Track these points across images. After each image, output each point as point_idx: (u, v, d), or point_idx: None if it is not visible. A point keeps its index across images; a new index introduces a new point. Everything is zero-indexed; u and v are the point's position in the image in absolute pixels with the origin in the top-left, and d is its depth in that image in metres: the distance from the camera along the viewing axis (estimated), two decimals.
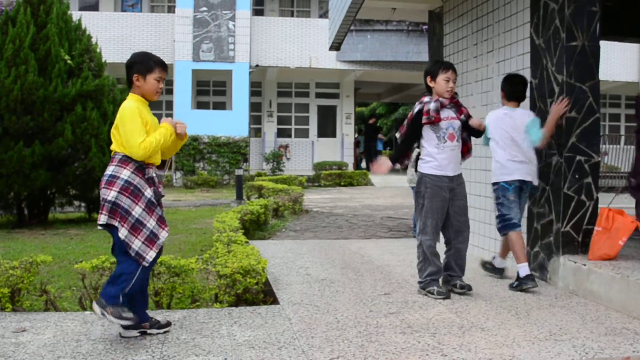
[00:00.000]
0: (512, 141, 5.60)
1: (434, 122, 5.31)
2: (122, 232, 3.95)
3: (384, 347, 3.94)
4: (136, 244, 3.97)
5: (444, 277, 5.46)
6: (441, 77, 5.38)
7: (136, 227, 3.98)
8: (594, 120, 5.62)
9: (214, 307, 5.01)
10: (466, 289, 5.32)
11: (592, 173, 5.62)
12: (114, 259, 4.46)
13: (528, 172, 5.62)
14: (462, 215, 5.44)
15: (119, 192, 3.98)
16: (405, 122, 5.56)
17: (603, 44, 5.74)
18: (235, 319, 4.58)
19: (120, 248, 4.01)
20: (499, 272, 6.10)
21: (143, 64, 4.20)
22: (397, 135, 5.69)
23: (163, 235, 4.13)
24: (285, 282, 5.82)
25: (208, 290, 5.22)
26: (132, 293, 4.02)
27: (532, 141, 5.55)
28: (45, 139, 10.30)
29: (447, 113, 5.39)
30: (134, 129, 4.01)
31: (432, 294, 5.24)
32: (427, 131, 5.40)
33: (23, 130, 10.23)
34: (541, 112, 5.90)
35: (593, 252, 5.38)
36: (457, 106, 5.46)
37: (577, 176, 5.59)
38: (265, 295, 5.29)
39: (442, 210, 5.37)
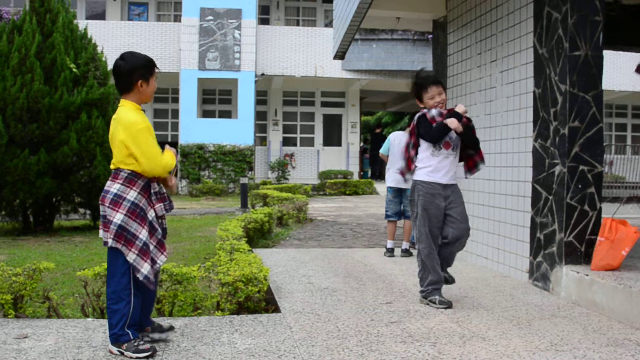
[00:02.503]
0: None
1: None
2: (130, 257, 3.90)
3: (384, 356, 3.94)
4: (145, 268, 3.94)
5: None
6: (426, 97, 5.45)
7: (144, 250, 3.95)
8: (597, 130, 5.61)
9: (216, 315, 5.02)
10: (450, 281, 5.49)
11: (595, 183, 5.62)
12: None
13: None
14: (463, 222, 5.41)
15: (125, 214, 3.92)
16: (411, 128, 5.54)
17: (610, 53, 5.76)
18: (237, 327, 4.58)
19: (117, 270, 3.96)
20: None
21: (146, 68, 4.07)
22: (408, 143, 5.58)
23: (161, 260, 4.09)
24: (288, 290, 5.82)
25: (210, 298, 5.23)
26: (135, 322, 3.99)
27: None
28: (51, 147, 10.34)
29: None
30: (152, 145, 3.96)
31: (434, 303, 5.24)
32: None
33: (29, 138, 10.28)
34: (544, 122, 5.91)
35: (596, 263, 5.36)
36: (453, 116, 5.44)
37: (580, 186, 5.58)
38: (267, 303, 5.30)
39: (436, 217, 5.36)
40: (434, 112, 5.38)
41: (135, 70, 4.03)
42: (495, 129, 6.96)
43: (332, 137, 26.41)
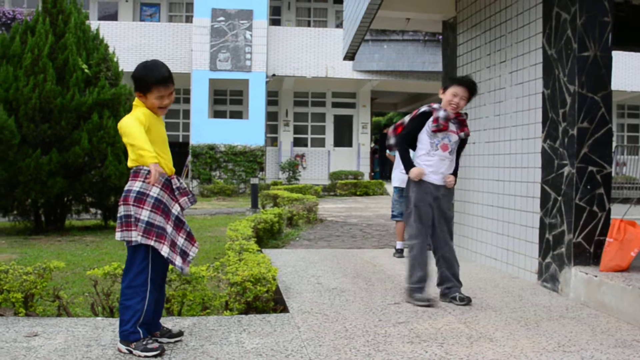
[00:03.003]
0: None
1: (442, 130, 5.37)
2: (165, 250, 3.92)
3: (391, 356, 3.95)
4: (178, 260, 3.98)
5: (441, 290, 5.48)
6: (450, 91, 5.44)
7: (173, 244, 3.98)
8: (606, 131, 5.61)
9: (224, 314, 5.04)
10: (466, 301, 5.32)
11: (604, 184, 5.61)
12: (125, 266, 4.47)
13: None
14: (445, 225, 5.47)
15: (151, 210, 3.93)
16: (407, 119, 5.63)
17: (622, 54, 5.78)
18: (245, 327, 4.60)
19: (135, 268, 4.00)
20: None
21: (142, 82, 4.02)
22: (392, 140, 5.81)
23: (193, 251, 4.13)
24: (296, 290, 5.84)
25: (218, 297, 5.25)
26: (147, 321, 4.02)
27: None
28: (63, 147, 10.41)
29: (451, 126, 5.44)
30: (135, 113, 3.96)
31: (415, 300, 5.30)
32: (423, 136, 5.49)
33: (41, 138, 10.36)
34: (553, 123, 5.90)
35: (605, 264, 5.35)
36: (460, 123, 5.49)
37: (589, 187, 5.58)
38: (275, 303, 5.32)
39: (427, 215, 5.42)
40: (441, 113, 5.40)
41: (135, 81, 4.05)
42: (504, 129, 6.96)
43: (343, 137, 26.44)
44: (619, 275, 5.19)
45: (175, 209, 4.07)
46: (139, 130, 3.82)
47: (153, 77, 4.00)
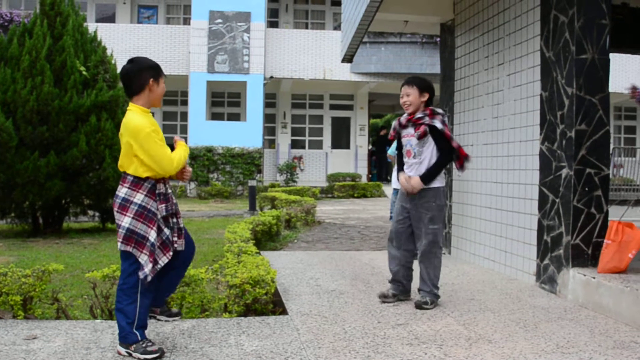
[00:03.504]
0: None
1: (390, 139, 5.65)
2: (143, 258, 3.95)
3: (390, 358, 3.96)
4: (148, 268, 3.97)
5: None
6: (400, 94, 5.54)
7: (152, 251, 3.99)
8: (604, 133, 5.62)
9: (223, 316, 5.05)
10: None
11: (602, 186, 5.62)
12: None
13: None
14: (418, 229, 5.44)
15: (133, 217, 3.97)
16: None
17: (619, 56, 5.80)
18: (244, 329, 4.61)
19: (125, 272, 4.02)
20: None
21: (155, 69, 4.15)
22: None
23: (163, 260, 4.09)
24: (295, 292, 5.85)
25: (217, 300, 5.26)
26: (143, 324, 4.03)
27: None
28: (60, 149, 10.41)
29: (407, 131, 5.47)
30: (160, 147, 3.99)
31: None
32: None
33: (38, 140, 10.35)
34: (550, 125, 5.92)
35: (602, 265, 5.36)
36: (414, 124, 5.40)
37: (587, 189, 5.59)
38: (274, 305, 5.32)
39: (397, 217, 5.55)
40: (393, 122, 5.59)
41: (145, 70, 4.10)
42: (502, 132, 6.97)
43: (341, 139, 26.46)
44: (616, 276, 5.20)
45: (160, 214, 4.08)
46: (178, 160, 4.15)
47: (157, 64, 4.21)
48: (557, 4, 5.84)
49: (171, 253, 4.13)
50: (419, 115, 5.39)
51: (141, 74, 4.09)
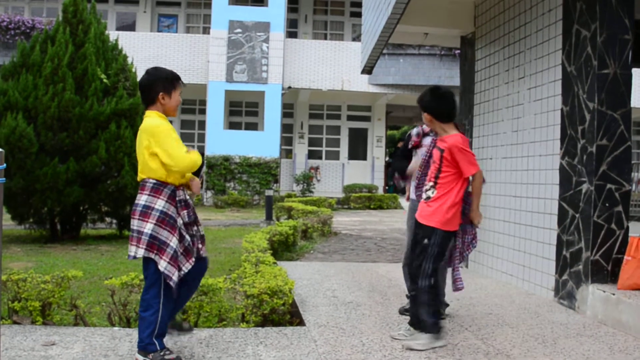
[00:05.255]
0: None
1: (414, 145, 5.39)
2: (162, 264, 3.94)
3: None
4: (176, 275, 3.98)
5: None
6: None
7: (174, 258, 3.99)
8: (625, 148, 5.59)
9: (241, 326, 5.04)
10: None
11: (622, 201, 5.58)
12: (142, 276, 4.47)
13: None
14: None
15: (155, 223, 3.96)
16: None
17: (637, 71, 5.73)
18: (261, 339, 4.60)
19: (148, 280, 4.03)
20: None
21: (168, 81, 4.15)
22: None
23: (186, 267, 4.09)
24: (312, 303, 5.84)
25: (235, 309, 5.26)
26: (163, 332, 4.04)
27: None
28: (80, 156, 10.48)
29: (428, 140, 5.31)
30: (175, 141, 4.00)
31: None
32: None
33: (59, 146, 10.43)
34: (571, 139, 5.89)
35: (622, 282, 5.32)
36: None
37: (607, 204, 5.55)
38: (291, 316, 5.32)
39: (409, 232, 5.44)
40: (414, 130, 5.44)
41: (155, 83, 4.12)
42: (522, 145, 6.94)
43: (358, 151, 26.45)
44: (637, 293, 5.15)
45: (179, 222, 4.08)
46: (191, 160, 4.08)
47: (174, 74, 4.20)
48: (579, 18, 5.82)
49: (193, 260, 4.13)
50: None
51: (152, 86, 4.13)
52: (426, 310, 4.54)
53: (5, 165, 9.40)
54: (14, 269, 5.87)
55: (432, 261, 4.56)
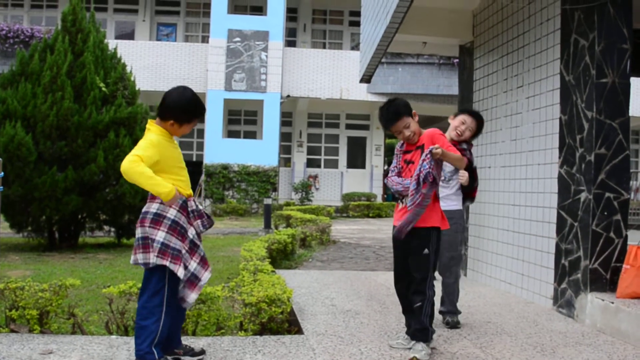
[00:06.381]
0: None
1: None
2: (181, 272, 3.92)
3: None
4: (204, 277, 4.00)
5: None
6: (460, 118, 5.52)
7: (186, 267, 3.99)
8: (624, 157, 5.59)
9: (239, 335, 5.03)
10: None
11: (621, 210, 5.59)
12: (140, 285, 4.44)
13: None
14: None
15: (167, 232, 3.94)
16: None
17: (636, 80, 5.73)
18: (260, 348, 4.59)
19: (152, 288, 4.00)
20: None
21: (187, 114, 4.04)
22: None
23: (205, 276, 4.10)
24: (310, 312, 5.83)
25: (233, 318, 5.24)
26: (162, 341, 4.02)
27: None
28: (78, 164, 10.47)
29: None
30: (144, 147, 3.86)
31: None
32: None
33: (57, 155, 10.42)
34: (570, 148, 5.90)
35: (621, 290, 5.31)
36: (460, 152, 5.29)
37: (606, 213, 5.56)
38: (290, 324, 5.30)
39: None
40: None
41: (173, 110, 4.02)
42: (520, 154, 6.95)
43: (356, 159, 26.46)
44: (636, 302, 5.15)
45: (191, 232, 4.07)
46: (141, 174, 3.75)
47: (199, 111, 4.09)
48: (578, 27, 5.84)
49: (211, 268, 4.15)
50: (463, 145, 5.39)
51: (169, 110, 4.02)
52: (430, 319, 4.56)
53: (3, 173, 9.41)
54: (11, 277, 5.86)
55: (432, 268, 4.57)
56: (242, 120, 25.81)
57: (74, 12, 11.33)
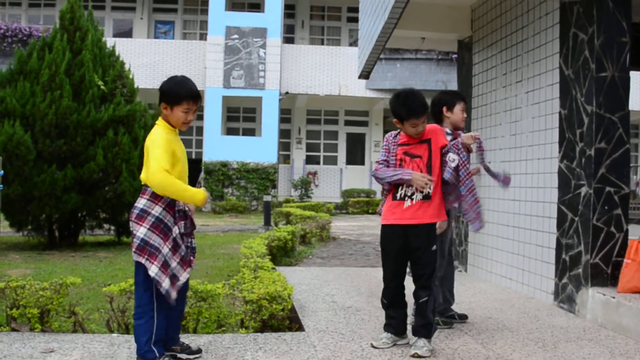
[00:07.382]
0: None
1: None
2: (153, 270, 3.89)
3: None
4: (166, 282, 3.93)
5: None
6: (459, 107, 5.31)
7: (165, 265, 3.95)
8: (624, 151, 5.59)
9: (240, 332, 5.02)
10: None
11: (621, 204, 5.58)
12: None
13: None
14: None
15: (149, 228, 3.94)
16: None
17: (635, 73, 5.72)
18: (261, 345, 4.59)
19: (140, 286, 3.99)
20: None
21: (172, 94, 4.06)
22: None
23: (184, 276, 4.07)
24: (311, 309, 5.82)
25: (234, 315, 5.24)
26: (160, 339, 4.01)
27: None
28: (78, 162, 10.45)
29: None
30: (162, 154, 3.90)
31: None
32: None
33: (56, 153, 10.41)
34: (570, 143, 5.89)
35: (622, 285, 5.31)
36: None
37: (606, 207, 5.55)
38: (290, 321, 5.29)
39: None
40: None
41: (161, 94, 4.10)
42: (520, 149, 6.94)
43: (356, 155, 26.46)
44: (637, 297, 5.15)
45: (175, 231, 4.05)
46: (174, 187, 3.91)
47: (184, 91, 4.10)
48: (577, 21, 5.83)
49: (190, 269, 4.12)
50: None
51: (161, 93, 4.10)
52: (434, 314, 4.58)
53: (2, 172, 9.35)
54: (12, 276, 5.86)
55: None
56: (240, 118, 25.81)
57: (72, 10, 11.31)
